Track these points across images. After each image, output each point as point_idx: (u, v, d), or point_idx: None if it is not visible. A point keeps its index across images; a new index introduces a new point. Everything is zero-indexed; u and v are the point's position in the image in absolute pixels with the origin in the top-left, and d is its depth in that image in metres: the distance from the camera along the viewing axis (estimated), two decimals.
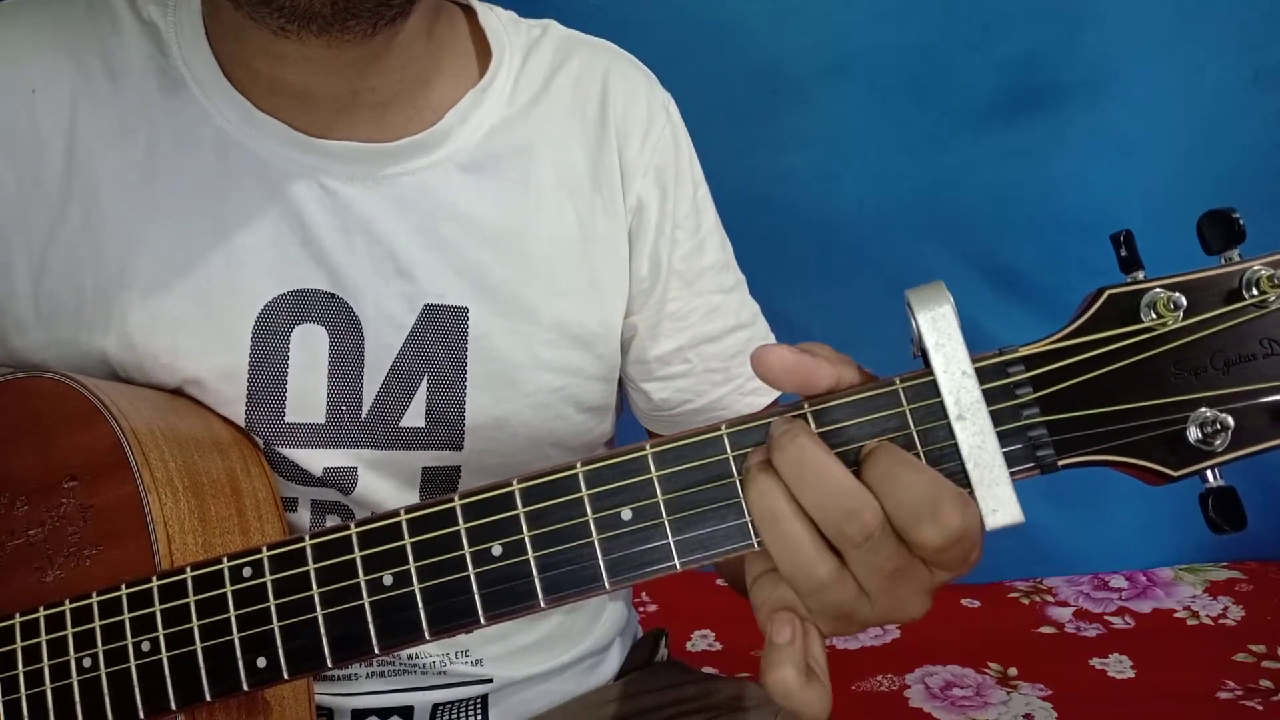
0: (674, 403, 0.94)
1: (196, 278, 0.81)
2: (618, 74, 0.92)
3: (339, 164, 0.82)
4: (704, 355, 0.93)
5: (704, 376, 0.94)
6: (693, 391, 0.94)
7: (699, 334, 0.93)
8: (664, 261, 0.91)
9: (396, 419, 0.85)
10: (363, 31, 0.75)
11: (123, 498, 0.73)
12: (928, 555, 0.54)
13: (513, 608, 0.59)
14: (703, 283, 0.93)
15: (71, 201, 0.81)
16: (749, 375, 0.95)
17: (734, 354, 0.95)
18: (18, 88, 0.81)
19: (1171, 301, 0.54)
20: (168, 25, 0.84)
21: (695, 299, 0.93)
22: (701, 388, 0.94)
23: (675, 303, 0.92)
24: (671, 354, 0.93)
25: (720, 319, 0.94)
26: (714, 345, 0.94)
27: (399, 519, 0.61)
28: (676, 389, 0.94)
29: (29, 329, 0.82)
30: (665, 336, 0.92)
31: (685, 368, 0.93)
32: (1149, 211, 1.94)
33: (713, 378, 0.94)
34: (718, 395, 0.94)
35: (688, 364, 0.93)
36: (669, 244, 0.91)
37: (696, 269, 0.93)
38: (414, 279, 0.84)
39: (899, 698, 1.71)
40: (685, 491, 0.57)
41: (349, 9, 0.72)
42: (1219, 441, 0.53)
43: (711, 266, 0.94)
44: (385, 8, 0.75)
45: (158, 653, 0.65)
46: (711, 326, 0.94)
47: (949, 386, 0.54)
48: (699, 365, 0.93)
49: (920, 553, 0.54)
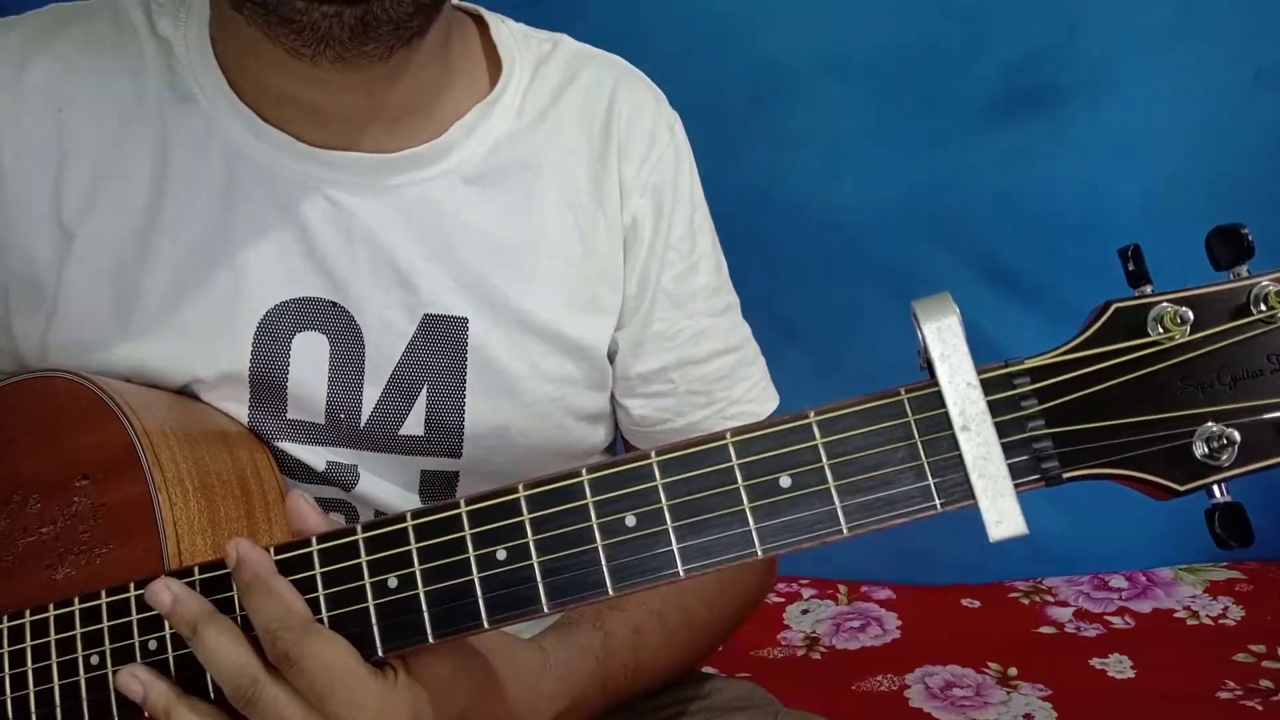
0: (653, 420, 0.94)
1: (202, 287, 0.82)
2: (625, 91, 0.92)
3: (344, 175, 0.83)
4: (688, 377, 0.93)
5: (686, 398, 0.94)
6: (673, 411, 0.94)
7: (684, 355, 0.93)
8: (653, 281, 0.91)
9: (396, 427, 0.86)
10: (378, 55, 0.76)
11: (133, 497, 0.74)
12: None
13: (517, 612, 0.60)
14: (693, 304, 0.93)
15: (91, 216, 0.82)
16: (731, 399, 0.95)
17: (718, 377, 0.95)
18: (47, 105, 0.82)
19: (1179, 316, 0.54)
20: (179, 39, 0.84)
21: (684, 320, 0.93)
22: (682, 408, 0.94)
23: (662, 323, 0.92)
24: (654, 373, 0.93)
25: (708, 342, 0.94)
26: (698, 368, 0.94)
27: (405, 524, 0.62)
28: (657, 407, 0.94)
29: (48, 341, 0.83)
30: (649, 355, 0.92)
31: (668, 387, 0.93)
32: (1149, 212, 1.94)
33: (695, 400, 0.94)
34: (698, 417, 0.95)
35: (670, 384, 0.93)
36: (659, 264, 0.91)
37: (688, 290, 0.93)
38: (415, 289, 0.84)
39: (899, 698, 1.70)
40: (689, 499, 0.58)
41: (366, 33, 0.73)
42: (1225, 457, 0.53)
43: (703, 289, 0.94)
44: (402, 30, 0.75)
45: (164, 652, 0.66)
46: (699, 349, 0.94)
47: (954, 398, 0.55)
48: (682, 386, 0.94)
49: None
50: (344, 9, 0.71)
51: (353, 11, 0.71)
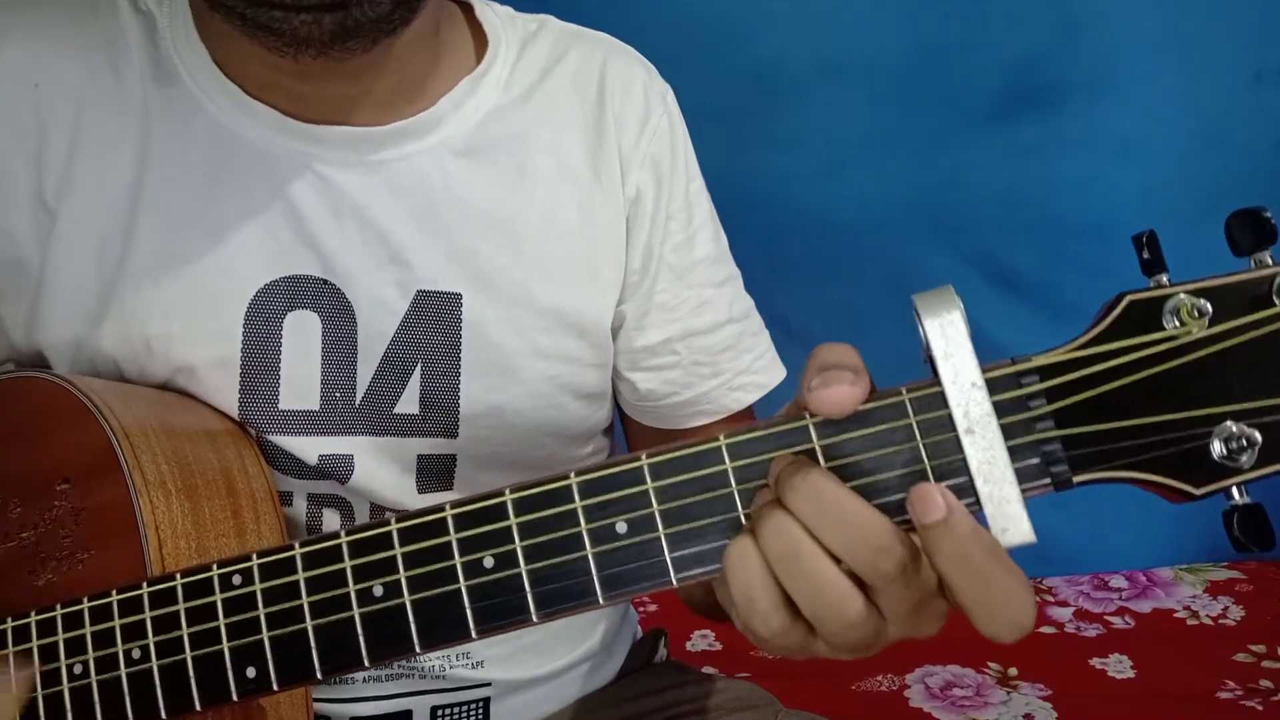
0: (660, 394, 0.94)
1: (189, 265, 0.81)
2: (616, 65, 0.92)
3: (331, 149, 0.82)
4: (693, 348, 0.93)
5: (692, 369, 0.93)
6: (680, 384, 0.93)
7: (688, 326, 0.92)
8: (656, 252, 0.90)
9: (391, 405, 0.84)
10: (361, 49, 0.75)
11: (114, 500, 0.72)
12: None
13: (505, 622, 0.58)
14: (694, 275, 0.93)
15: (72, 194, 0.81)
16: (737, 370, 0.95)
17: (723, 348, 0.94)
18: (25, 83, 0.81)
19: (1196, 309, 0.51)
20: (162, 15, 0.84)
21: (686, 291, 0.92)
22: (689, 380, 0.94)
23: (664, 294, 0.91)
24: (660, 345, 0.92)
25: (711, 313, 0.93)
26: (703, 339, 0.93)
27: (389, 528, 0.60)
28: (664, 380, 0.93)
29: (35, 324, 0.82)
30: (653, 327, 0.92)
31: (673, 359, 0.93)
32: (1149, 211, 1.94)
33: (700, 370, 0.94)
34: (705, 389, 0.94)
35: (676, 356, 0.93)
36: (661, 235, 0.91)
37: (688, 261, 0.92)
38: (407, 265, 0.83)
39: (899, 698, 1.71)
40: (682, 503, 0.56)
41: (346, 35, 0.72)
42: (1245, 458, 0.50)
43: (703, 259, 0.93)
44: (384, 25, 0.74)
45: (148, 661, 0.64)
46: (701, 320, 0.93)
47: (958, 399, 0.52)
48: (687, 358, 0.93)
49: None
50: (322, 15, 0.70)
51: (332, 18, 0.70)
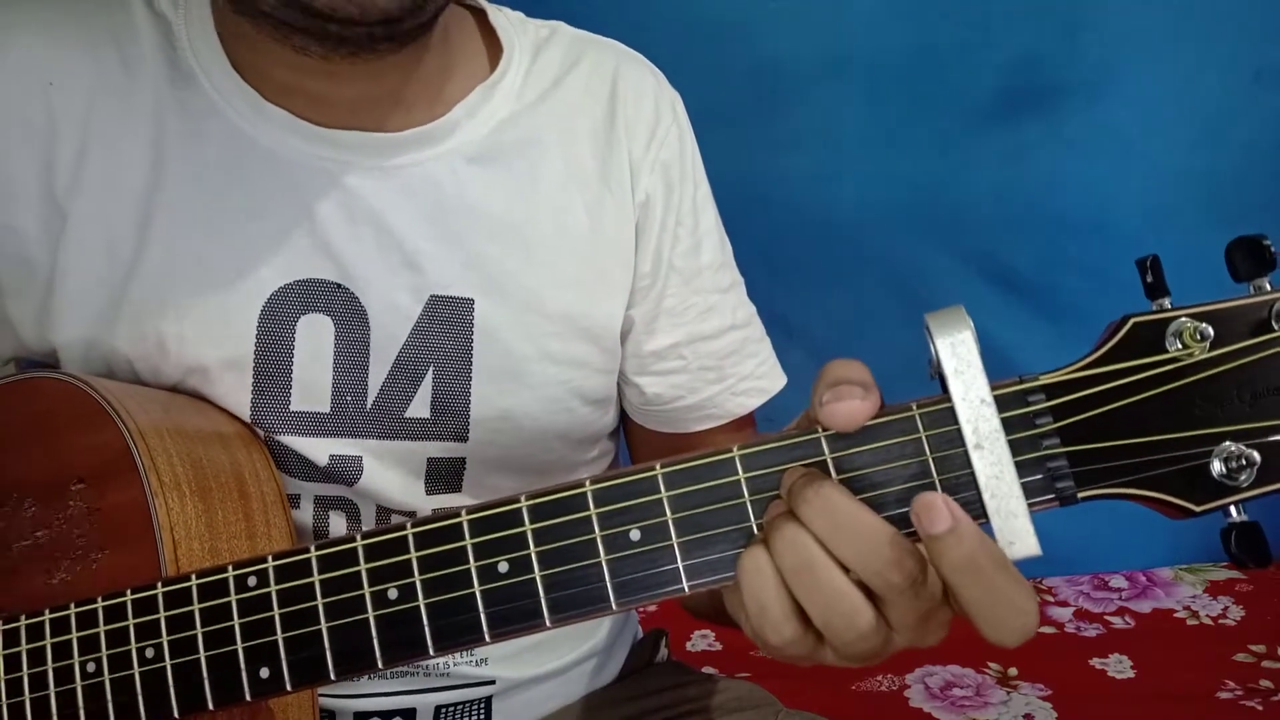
0: (667, 398, 0.94)
1: (203, 267, 0.81)
2: (627, 73, 0.93)
3: (347, 154, 0.83)
4: (699, 353, 0.94)
5: (698, 374, 0.94)
6: (686, 388, 0.94)
7: (694, 331, 0.93)
8: (664, 257, 0.91)
9: (402, 409, 0.85)
10: (391, 50, 0.76)
11: (130, 501, 0.72)
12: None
13: (518, 626, 0.59)
14: (700, 281, 0.93)
15: (83, 193, 0.81)
16: (740, 375, 0.96)
17: (728, 353, 0.95)
18: (36, 80, 0.81)
19: (1198, 332, 0.52)
20: (178, 18, 0.84)
21: (692, 296, 0.93)
22: (695, 384, 0.94)
23: (673, 299, 0.92)
24: (667, 349, 0.93)
25: (716, 318, 0.94)
26: (709, 344, 0.94)
27: (405, 532, 0.61)
28: (670, 384, 0.94)
29: (46, 322, 0.82)
30: (661, 332, 0.92)
31: (680, 364, 0.94)
32: (1149, 211, 1.94)
33: (706, 375, 0.95)
34: (710, 393, 0.95)
35: (682, 360, 0.93)
36: (670, 240, 0.92)
37: (695, 266, 0.93)
38: (420, 270, 0.84)
39: (899, 698, 1.72)
40: (695, 512, 0.57)
41: (387, 35, 0.73)
42: (1244, 477, 0.52)
43: (709, 265, 0.94)
44: (418, 30, 0.76)
45: (161, 660, 0.64)
46: (708, 325, 0.94)
47: (967, 415, 0.53)
48: (694, 362, 0.94)
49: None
50: (375, 28, 0.72)
51: (385, 29, 0.72)
